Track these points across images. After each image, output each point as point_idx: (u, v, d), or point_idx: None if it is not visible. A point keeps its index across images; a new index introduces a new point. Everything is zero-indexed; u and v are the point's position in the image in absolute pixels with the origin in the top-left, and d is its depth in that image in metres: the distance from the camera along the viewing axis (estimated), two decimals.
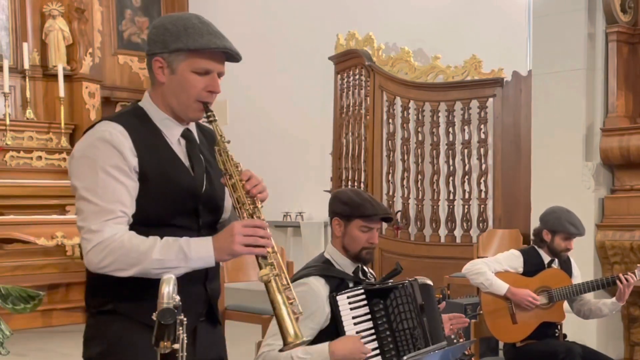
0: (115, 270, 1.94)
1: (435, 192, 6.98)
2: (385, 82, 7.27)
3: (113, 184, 1.96)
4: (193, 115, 2.07)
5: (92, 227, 1.94)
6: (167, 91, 2.05)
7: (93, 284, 2.09)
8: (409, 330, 2.78)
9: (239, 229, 1.94)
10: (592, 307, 3.93)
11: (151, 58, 2.05)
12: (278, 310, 1.91)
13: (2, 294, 3.63)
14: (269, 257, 1.96)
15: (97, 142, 1.98)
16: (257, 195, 2.02)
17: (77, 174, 2.00)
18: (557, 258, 3.93)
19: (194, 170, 2.09)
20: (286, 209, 9.24)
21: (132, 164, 1.99)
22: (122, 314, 2.04)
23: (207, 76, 2.04)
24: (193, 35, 2.01)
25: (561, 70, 5.27)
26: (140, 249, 1.92)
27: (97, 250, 1.93)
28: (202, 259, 1.95)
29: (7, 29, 8.66)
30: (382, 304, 2.79)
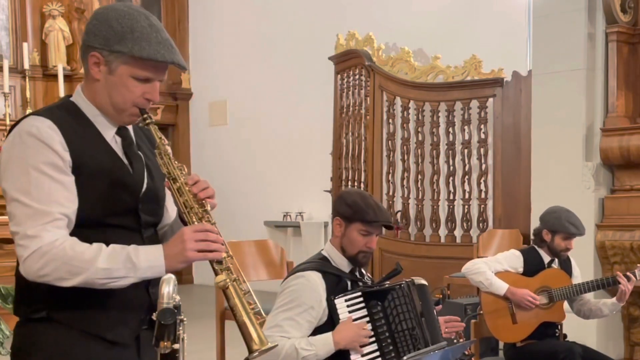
0: (57, 279, 1.77)
1: (435, 192, 6.98)
2: (385, 82, 7.26)
3: (47, 183, 1.79)
4: (127, 119, 1.93)
5: (28, 232, 1.77)
6: (100, 89, 1.89)
7: (23, 289, 1.91)
8: (408, 331, 2.79)
9: (190, 234, 1.80)
10: (592, 307, 3.93)
11: (87, 50, 1.88)
12: (239, 316, 1.79)
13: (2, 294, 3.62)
14: (224, 262, 1.83)
15: (25, 138, 1.81)
16: (205, 199, 1.88)
17: (5, 175, 1.82)
18: (557, 258, 3.93)
19: (132, 167, 1.94)
20: (286, 209, 9.24)
21: (65, 159, 1.82)
22: (58, 322, 1.86)
23: (147, 83, 1.89)
24: (140, 40, 1.83)
25: (561, 70, 5.26)
26: (85, 257, 1.76)
27: (35, 258, 1.76)
28: (152, 268, 1.80)
29: (7, 29, 8.67)
30: (380, 306, 2.80)
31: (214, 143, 10.22)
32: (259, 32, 9.56)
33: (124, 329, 1.92)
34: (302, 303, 2.72)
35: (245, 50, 9.70)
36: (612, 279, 3.80)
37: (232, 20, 9.88)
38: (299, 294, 2.74)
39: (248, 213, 9.32)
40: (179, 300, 1.64)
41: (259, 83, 9.59)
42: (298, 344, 2.64)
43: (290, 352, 2.62)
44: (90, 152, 1.87)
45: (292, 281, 2.80)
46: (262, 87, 9.56)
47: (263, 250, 4.79)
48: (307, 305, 2.72)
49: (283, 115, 9.31)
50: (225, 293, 1.81)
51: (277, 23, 9.36)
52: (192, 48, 10.38)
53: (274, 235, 9.03)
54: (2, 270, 6.94)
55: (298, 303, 2.72)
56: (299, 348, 2.64)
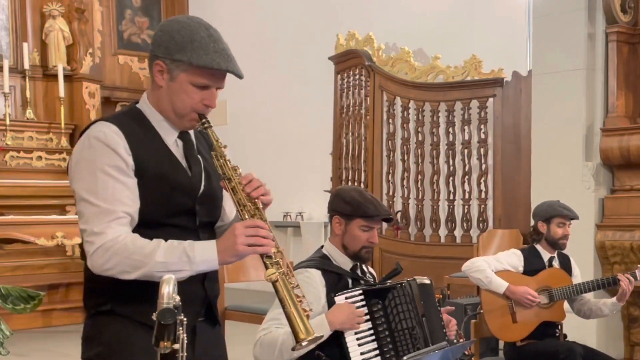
0: (119, 272, 1.92)
1: (435, 192, 6.98)
2: (385, 82, 7.26)
3: (112, 184, 1.94)
4: (188, 124, 2.07)
5: (94, 229, 1.92)
6: (163, 96, 2.04)
7: (91, 285, 2.07)
8: (407, 331, 2.79)
9: (241, 229, 1.93)
10: (592, 307, 3.93)
11: (153, 60, 2.04)
12: (287, 308, 1.90)
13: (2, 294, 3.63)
14: (273, 256, 1.96)
15: (93, 142, 1.97)
16: (258, 197, 2.01)
17: (75, 177, 1.99)
18: (557, 249, 3.93)
19: (191, 170, 2.08)
20: (286, 209, 9.24)
21: (129, 163, 1.97)
22: (120, 315, 2.02)
23: (205, 90, 2.03)
24: (198, 50, 1.98)
25: (561, 70, 5.26)
26: (144, 252, 1.90)
27: (100, 253, 1.91)
28: (206, 262, 1.93)
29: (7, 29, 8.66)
30: (380, 304, 2.80)
31: None
32: (259, 32, 9.57)
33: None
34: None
35: (245, 51, 9.70)
36: (612, 279, 3.80)
37: (232, 21, 9.88)
38: None
39: None
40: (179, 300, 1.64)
41: (259, 83, 9.59)
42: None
43: (286, 338, 2.60)
44: (151, 157, 2.01)
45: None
46: (262, 87, 9.56)
47: None
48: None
49: (283, 115, 9.31)
50: (274, 286, 1.92)
51: (277, 23, 9.36)
52: None
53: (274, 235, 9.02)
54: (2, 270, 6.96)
55: None
56: None
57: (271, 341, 2.64)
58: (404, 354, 2.74)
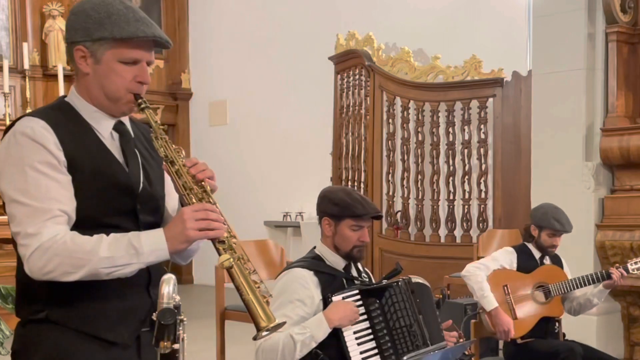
0: (62, 274, 1.75)
1: (435, 192, 6.98)
2: (385, 82, 7.26)
3: (45, 182, 1.79)
4: (124, 107, 1.91)
5: (28, 230, 1.76)
6: (92, 82, 1.88)
7: (22, 290, 1.92)
8: (406, 328, 2.80)
9: (190, 213, 1.78)
10: (581, 301, 4.00)
11: (72, 47, 1.88)
12: (245, 295, 1.76)
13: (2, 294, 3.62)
14: (226, 241, 1.81)
15: (19, 139, 1.81)
16: (205, 179, 1.86)
17: (3, 176, 1.82)
18: (545, 254, 4.00)
19: (128, 165, 1.92)
20: (286, 209, 9.24)
21: (60, 159, 1.82)
22: (57, 323, 1.86)
23: (135, 66, 1.87)
24: (118, 22, 1.83)
25: (561, 70, 5.26)
26: (86, 248, 1.75)
27: (38, 255, 1.75)
28: (155, 251, 1.78)
29: (7, 29, 8.66)
30: (377, 303, 2.81)
31: (214, 143, 10.21)
32: (259, 32, 9.56)
33: (123, 329, 1.91)
34: (292, 298, 2.73)
35: (245, 50, 9.70)
36: (605, 273, 3.87)
37: (232, 21, 9.88)
38: (287, 290, 2.75)
39: (248, 213, 9.31)
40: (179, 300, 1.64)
41: (259, 83, 9.58)
42: (292, 331, 2.64)
43: (287, 342, 2.62)
44: (84, 152, 1.86)
45: (282, 278, 2.83)
46: (262, 87, 9.56)
47: (263, 250, 4.79)
48: (296, 300, 2.73)
49: (283, 115, 9.31)
50: (229, 272, 1.78)
51: (277, 23, 9.35)
52: (192, 48, 10.38)
53: (274, 235, 9.03)
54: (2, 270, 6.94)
55: (289, 299, 2.73)
56: (293, 334, 2.63)
57: (272, 346, 2.64)
58: (403, 352, 2.75)
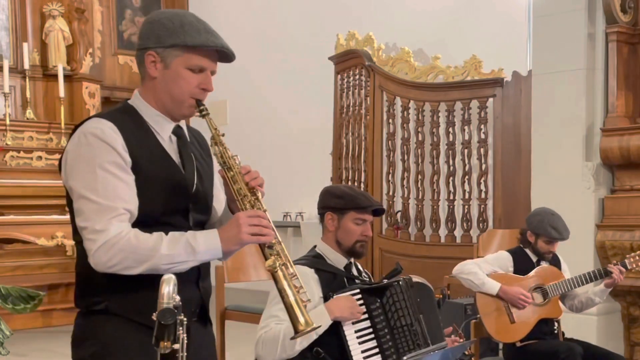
0: (125, 268, 1.91)
1: (435, 192, 6.98)
2: (385, 82, 7.26)
3: (113, 181, 1.93)
4: (186, 111, 2.06)
5: (96, 226, 1.90)
6: (159, 86, 2.03)
7: (84, 282, 2.05)
8: (407, 327, 2.80)
9: (245, 219, 1.93)
10: (582, 299, 3.98)
11: (144, 52, 2.03)
12: (286, 298, 1.92)
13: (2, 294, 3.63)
14: (274, 247, 1.96)
15: (90, 139, 1.95)
16: (256, 187, 2.01)
17: (73, 174, 1.97)
18: (542, 260, 3.98)
19: (184, 167, 2.07)
20: (286, 209, 9.24)
21: (126, 160, 1.96)
22: (115, 314, 2.00)
23: (201, 74, 2.03)
24: (190, 32, 1.99)
25: (561, 70, 5.26)
26: (148, 245, 1.90)
27: (104, 250, 1.90)
28: (210, 251, 1.94)
29: (7, 29, 8.66)
30: (378, 302, 2.81)
31: None
32: (259, 32, 9.56)
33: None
34: None
35: (245, 50, 9.69)
36: (604, 270, 3.86)
37: (232, 20, 9.88)
38: None
39: None
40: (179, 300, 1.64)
41: (259, 83, 9.59)
42: None
43: (288, 332, 2.59)
44: (145, 154, 2.00)
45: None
46: (262, 87, 9.56)
47: None
48: None
49: (283, 115, 9.31)
50: (273, 276, 1.93)
51: (277, 23, 9.36)
52: None
53: None
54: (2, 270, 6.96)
55: None
56: None
57: (273, 338, 2.65)
58: (404, 351, 2.75)
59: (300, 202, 9.03)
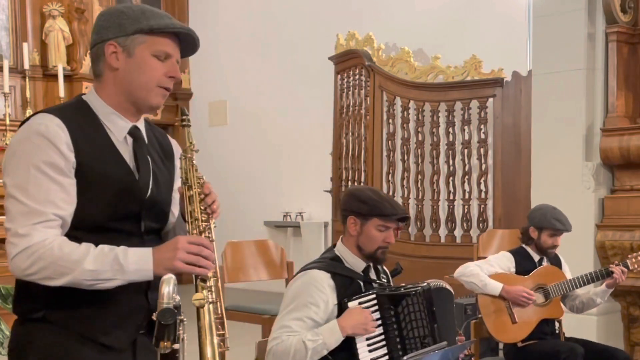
0: (43, 278, 1.77)
1: (435, 192, 6.98)
2: (385, 82, 7.26)
3: (46, 183, 1.79)
4: (154, 100, 1.93)
5: (19, 230, 1.77)
6: (122, 77, 1.91)
7: (21, 288, 1.90)
8: (419, 339, 2.75)
9: (184, 244, 1.80)
10: (583, 299, 3.98)
11: (102, 45, 1.91)
12: (203, 338, 1.79)
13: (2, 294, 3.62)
14: (208, 280, 1.83)
15: (32, 135, 1.81)
16: (214, 211, 1.90)
17: (8, 170, 1.82)
18: (544, 255, 3.98)
19: (139, 171, 1.93)
20: (286, 209, 9.24)
21: (70, 160, 1.82)
22: (55, 323, 1.86)
23: (167, 61, 1.92)
24: (153, 17, 1.91)
25: (561, 70, 5.26)
26: (72, 258, 1.76)
27: (23, 256, 1.76)
28: (140, 271, 1.79)
29: (7, 29, 8.66)
30: (393, 310, 2.75)
31: (214, 143, 10.21)
32: (259, 32, 9.56)
33: (120, 333, 1.91)
34: (306, 302, 2.68)
35: (245, 51, 9.70)
36: (605, 271, 3.85)
37: (232, 21, 9.88)
38: (302, 293, 2.70)
39: (248, 213, 9.32)
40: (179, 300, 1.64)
41: (259, 83, 9.59)
42: (304, 336, 2.60)
43: (299, 347, 2.58)
44: (96, 155, 1.87)
45: (298, 280, 2.77)
46: (262, 87, 9.56)
47: (263, 250, 4.79)
48: (310, 304, 2.67)
49: (283, 115, 9.31)
50: (197, 311, 1.80)
51: (277, 23, 9.36)
52: None
53: (274, 235, 9.03)
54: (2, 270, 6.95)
55: (303, 302, 2.68)
56: (305, 340, 2.60)
57: (284, 351, 2.60)
58: None
59: (300, 202, 9.04)
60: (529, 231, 3.97)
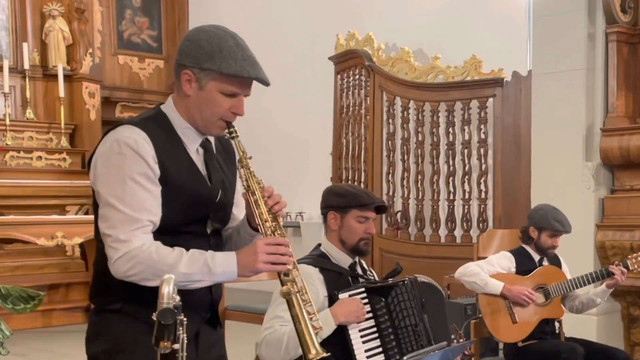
0: (141, 279, 1.96)
1: (435, 192, 6.98)
2: (385, 82, 7.26)
3: (140, 192, 1.98)
4: (215, 132, 2.11)
5: (120, 236, 1.95)
6: (191, 104, 2.07)
7: (102, 282, 2.09)
8: (411, 327, 2.80)
9: (262, 247, 1.98)
10: (583, 300, 3.98)
11: (180, 69, 2.06)
12: (299, 325, 1.96)
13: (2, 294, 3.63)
14: (290, 273, 1.99)
15: (123, 148, 1.98)
16: (278, 212, 2.07)
17: (103, 180, 2.00)
18: (544, 256, 3.98)
19: (211, 180, 2.12)
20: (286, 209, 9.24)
21: (156, 172, 2.01)
22: (128, 314, 2.06)
23: (233, 98, 2.06)
24: (227, 58, 2.01)
25: (561, 70, 5.26)
26: (168, 262, 1.95)
27: (124, 260, 1.95)
28: (226, 274, 1.99)
29: (7, 29, 8.66)
30: (383, 302, 2.81)
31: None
32: (259, 32, 9.56)
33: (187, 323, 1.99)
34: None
35: None
36: (606, 271, 3.85)
37: (231, 21, 9.86)
38: None
39: None
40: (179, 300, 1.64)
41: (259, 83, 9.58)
42: None
43: (292, 335, 2.58)
44: (175, 166, 2.04)
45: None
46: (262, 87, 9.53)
47: None
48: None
49: (283, 115, 9.31)
50: (288, 303, 1.97)
51: (276, 23, 9.36)
52: None
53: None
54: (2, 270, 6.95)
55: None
56: None
57: (277, 340, 2.64)
58: (407, 351, 2.75)
59: (300, 202, 9.04)
60: (528, 231, 3.97)
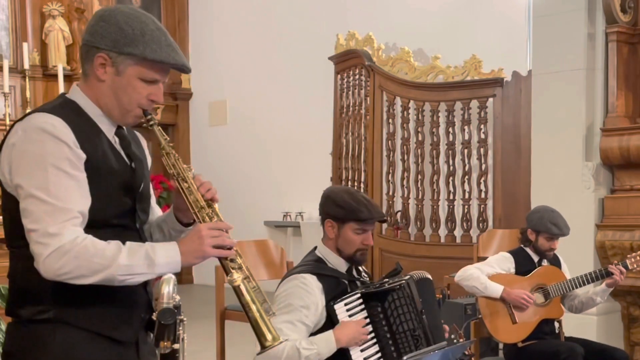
0: (76, 277, 1.75)
1: (435, 192, 6.98)
2: (385, 82, 7.26)
3: (66, 181, 1.78)
4: (130, 120, 1.96)
5: (49, 229, 1.74)
6: (106, 90, 1.91)
7: (21, 291, 1.87)
8: (409, 332, 2.77)
9: (206, 231, 1.84)
10: (582, 299, 3.99)
11: (93, 52, 1.90)
12: (251, 312, 1.83)
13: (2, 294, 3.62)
14: (236, 260, 1.87)
15: (41, 134, 1.79)
16: (211, 199, 1.93)
17: (20, 171, 1.79)
18: (543, 257, 3.98)
19: (133, 167, 1.97)
20: (286, 209, 9.24)
21: (80, 156, 1.83)
22: (67, 323, 1.84)
23: (153, 85, 1.92)
24: (150, 43, 1.87)
25: (561, 70, 5.26)
26: (106, 254, 1.76)
27: (56, 256, 1.73)
28: (169, 264, 1.82)
29: (7, 29, 8.66)
30: (380, 307, 2.77)
31: (214, 143, 10.22)
32: (259, 32, 9.56)
33: (128, 327, 1.93)
34: (297, 305, 2.70)
35: (245, 50, 9.70)
36: (605, 271, 3.86)
37: (232, 21, 9.87)
38: (294, 297, 2.72)
39: (248, 213, 9.31)
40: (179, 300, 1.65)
41: (259, 83, 9.58)
42: (299, 344, 2.61)
43: (292, 353, 2.58)
44: (98, 152, 1.88)
45: (287, 284, 2.79)
46: (262, 87, 9.56)
47: (263, 250, 4.78)
48: (301, 307, 2.69)
49: (283, 115, 9.30)
50: (236, 291, 1.84)
51: (277, 23, 9.35)
52: (192, 48, 10.38)
53: (274, 235, 9.02)
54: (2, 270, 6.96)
55: (294, 306, 2.69)
56: (300, 348, 2.60)
57: (275, 354, 2.60)
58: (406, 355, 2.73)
59: (300, 202, 9.03)
60: (527, 233, 3.98)
